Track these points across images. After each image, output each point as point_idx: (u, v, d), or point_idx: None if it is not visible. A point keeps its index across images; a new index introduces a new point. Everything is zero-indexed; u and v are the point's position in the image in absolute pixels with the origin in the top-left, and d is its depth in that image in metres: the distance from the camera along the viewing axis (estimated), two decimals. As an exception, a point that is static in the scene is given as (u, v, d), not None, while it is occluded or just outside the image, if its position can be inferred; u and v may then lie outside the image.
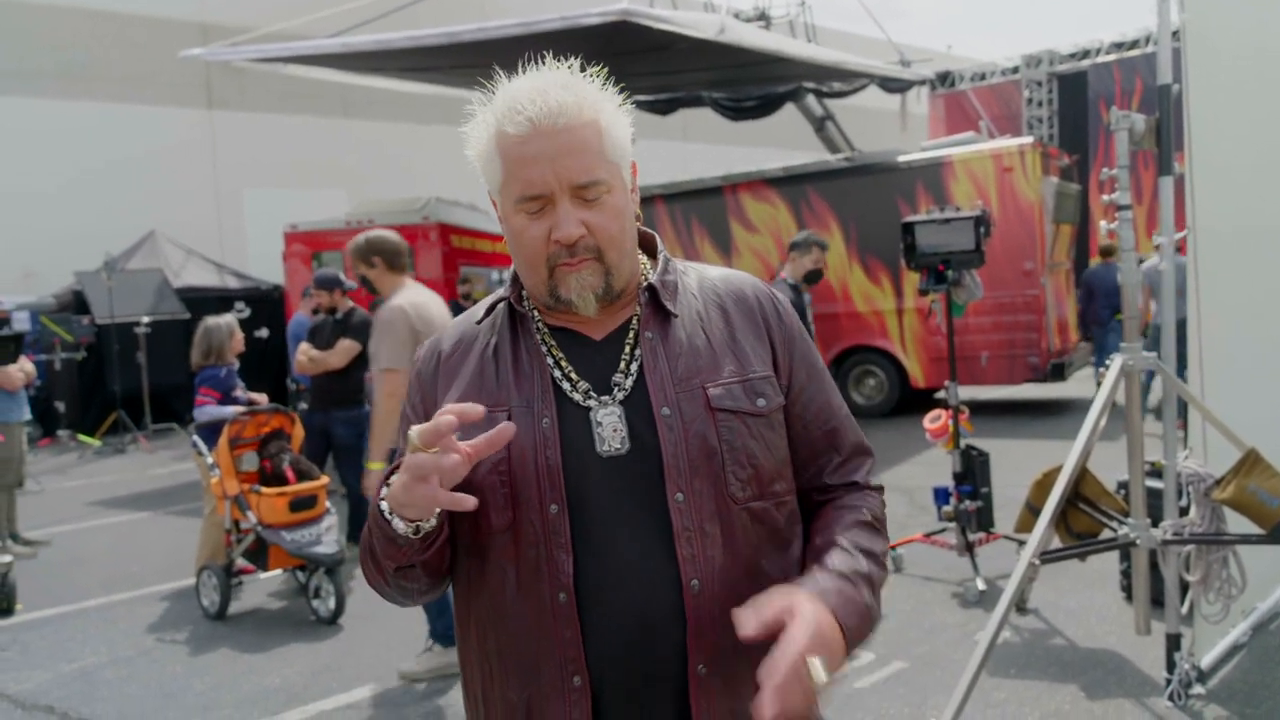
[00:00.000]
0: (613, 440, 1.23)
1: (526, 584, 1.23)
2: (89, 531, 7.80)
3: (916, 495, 7.02)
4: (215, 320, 6.11)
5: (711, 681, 1.21)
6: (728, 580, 1.22)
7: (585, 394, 1.26)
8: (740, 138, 20.99)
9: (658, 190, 12.20)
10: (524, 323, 1.32)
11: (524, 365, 1.29)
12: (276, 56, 11.96)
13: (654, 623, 1.20)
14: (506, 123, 1.22)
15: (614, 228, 1.25)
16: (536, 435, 1.24)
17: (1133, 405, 3.54)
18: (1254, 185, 3.80)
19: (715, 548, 1.22)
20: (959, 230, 4.98)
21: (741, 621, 1.11)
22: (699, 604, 1.20)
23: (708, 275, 1.40)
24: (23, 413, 7.14)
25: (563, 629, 1.21)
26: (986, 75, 18.36)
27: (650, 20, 8.96)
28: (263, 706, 4.14)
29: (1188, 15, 3.72)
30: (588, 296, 1.24)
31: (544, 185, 1.21)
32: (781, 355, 1.34)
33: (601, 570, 1.21)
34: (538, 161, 1.21)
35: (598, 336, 1.30)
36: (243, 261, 16.71)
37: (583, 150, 1.22)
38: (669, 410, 1.24)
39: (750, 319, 1.35)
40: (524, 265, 1.28)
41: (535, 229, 1.24)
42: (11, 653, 5.00)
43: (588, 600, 1.21)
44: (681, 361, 1.27)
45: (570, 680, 1.21)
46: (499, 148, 1.24)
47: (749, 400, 1.27)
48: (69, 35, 16.70)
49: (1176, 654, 3.60)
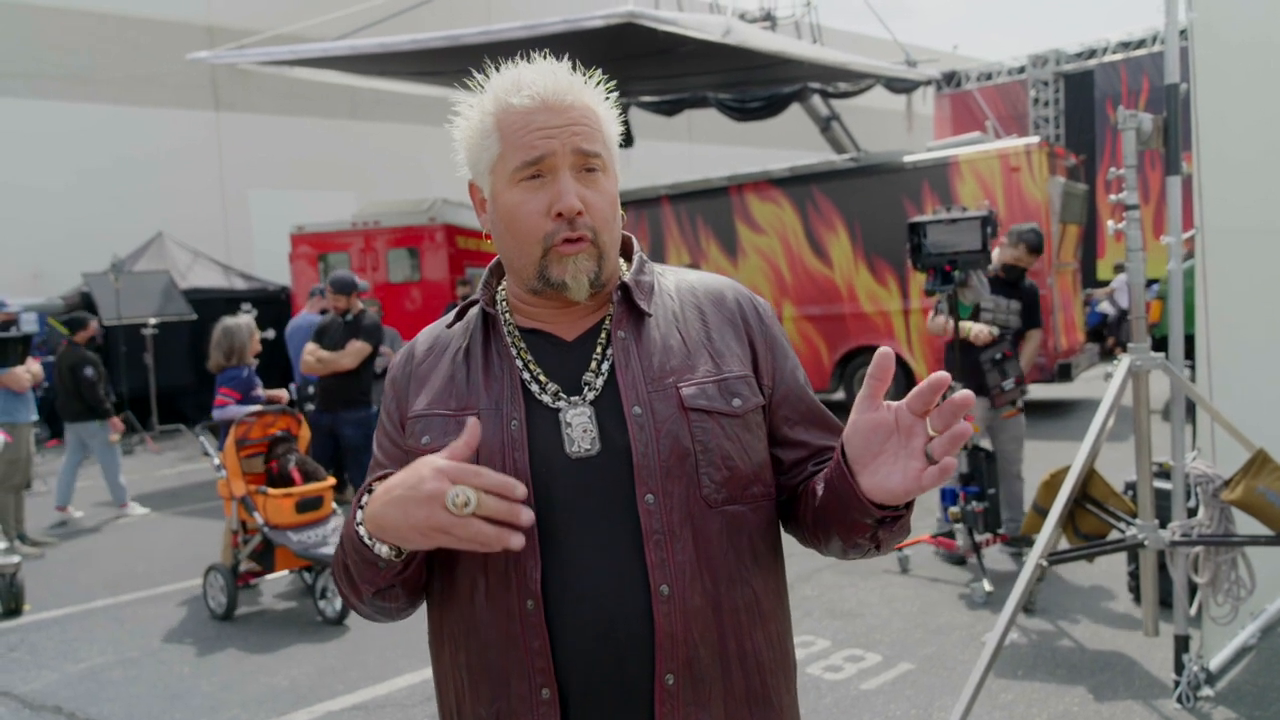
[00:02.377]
0: (582, 441, 1.21)
1: (495, 593, 1.20)
2: (95, 532, 7.82)
3: (923, 496, 7.01)
4: (235, 321, 6.12)
5: (681, 692, 1.17)
6: (700, 586, 1.19)
7: (554, 395, 1.24)
8: (746, 138, 20.98)
9: (664, 190, 12.19)
10: (495, 325, 1.30)
11: (494, 367, 1.27)
12: (282, 59, 11.99)
13: (621, 631, 1.17)
14: (512, 96, 1.22)
15: (608, 210, 1.25)
16: (504, 437, 1.21)
17: (1140, 406, 3.52)
18: (1263, 185, 3.79)
19: (686, 552, 1.19)
20: (966, 230, 4.97)
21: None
22: (668, 611, 1.17)
23: (686, 278, 1.38)
24: (30, 414, 7.17)
25: (531, 639, 1.18)
26: (993, 75, 18.34)
27: (655, 22, 8.96)
28: (270, 707, 4.14)
29: (1196, 14, 3.71)
30: (581, 280, 1.23)
31: (548, 147, 1.20)
32: (763, 357, 1.32)
33: (570, 576, 1.18)
34: (544, 129, 1.21)
35: (569, 338, 1.28)
36: (249, 263, 16.77)
37: (588, 124, 1.23)
38: (640, 409, 1.21)
39: (729, 321, 1.32)
40: (515, 244, 1.25)
41: (533, 202, 1.22)
42: (20, 653, 5.02)
43: (556, 608, 1.18)
44: (655, 361, 1.25)
45: (539, 693, 1.18)
46: (499, 122, 1.23)
47: (724, 400, 1.25)
48: (75, 38, 16.76)
49: (1185, 656, 3.58)
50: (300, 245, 13.81)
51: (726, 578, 1.22)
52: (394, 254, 13.48)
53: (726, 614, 1.21)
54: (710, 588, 1.20)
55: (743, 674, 1.23)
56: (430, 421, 1.27)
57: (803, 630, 4.57)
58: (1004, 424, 5.45)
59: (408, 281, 13.14)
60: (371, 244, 13.46)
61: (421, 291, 13.14)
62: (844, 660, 4.24)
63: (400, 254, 13.49)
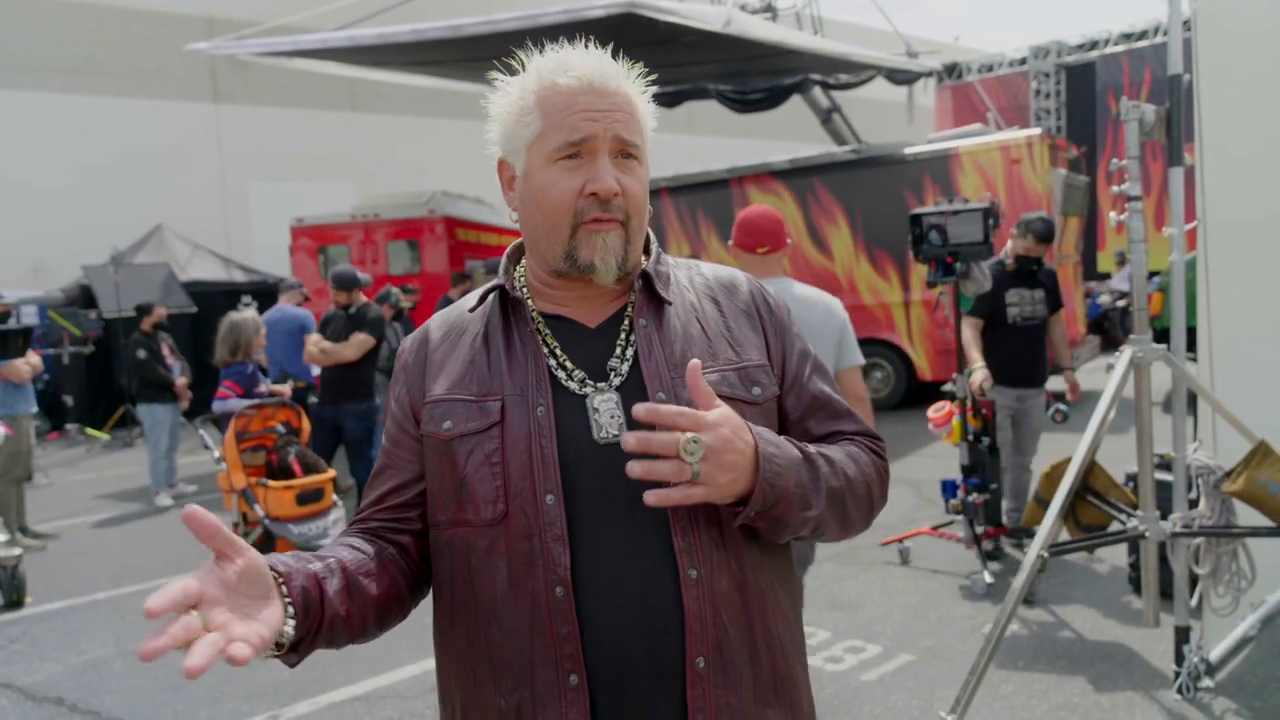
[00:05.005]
0: (610, 427, 1.20)
1: (518, 579, 1.18)
2: (97, 525, 7.84)
3: (924, 488, 7.01)
4: (241, 316, 6.12)
5: (711, 675, 1.18)
6: (726, 571, 1.20)
7: (581, 382, 1.24)
8: (747, 130, 20.94)
9: (664, 183, 12.17)
10: (517, 309, 1.29)
11: (517, 353, 1.26)
12: (282, 50, 11.96)
13: (652, 615, 1.17)
14: (558, 75, 1.22)
15: (640, 198, 1.26)
16: (531, 424, 1.20)
17: (1142, 397, 3.52)
18: (1265, 177, 3.78)
19: (712, 536, 1.20)
20: (967, 222, 4.96)
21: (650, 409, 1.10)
22: (698, 594, 1.17)
23: (699, 270, 1.40)
24: (30, 406, 7.17)
25: (559, 625, 1.16)
26: (994, 67, 18.28)
27: (656, 13, 8.93)
28: (271, 699, 4.15)
29: (1199, 4, 3.70)
30: (609, 261, 1.23)
31: (590, 130, 1.20)
32: (774, 346, 1.34)
33: (598, 562, 1.18)
34: (588, 111, 1.21)
35: (592, 324, 1.28)
36: (249, 255, 16.76)
37: (629, 112, 1.24)
38: (665, 395, 1.21)
39: (744, 311, 1.34)
40: (545, 222, 1.24)
41: (568, 181, 1.22)
42: (21, 645, 5.03)
43: (584, 594, 1.17)
44: (676, 348, 1.25)
45: (567, 679, 1.17)
46: (541, 101, 1.23)
47: (745, 388, 1.26)
48: (75, 30, 16.73)
49: (1185, 647, 3.59)
50: (300, 238, 13.80)
51: (750, 561, 1.23)
52: (394, 246, 13.47)
53: (752, 597, 1.23)
54: (736, 571, 1.21)
55: (769, 655, 1.24)
56: (452, 407, 1.26)
57: (804, 621, 4.57)
58: (1028, 415, 5.45)
59: (408, 274, 13.12)
60: (371, 236, 13.45)
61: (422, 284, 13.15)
62: (845, 651, 4.24)
63: (400, 246, 13.48)
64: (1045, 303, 5.48)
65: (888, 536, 5.64)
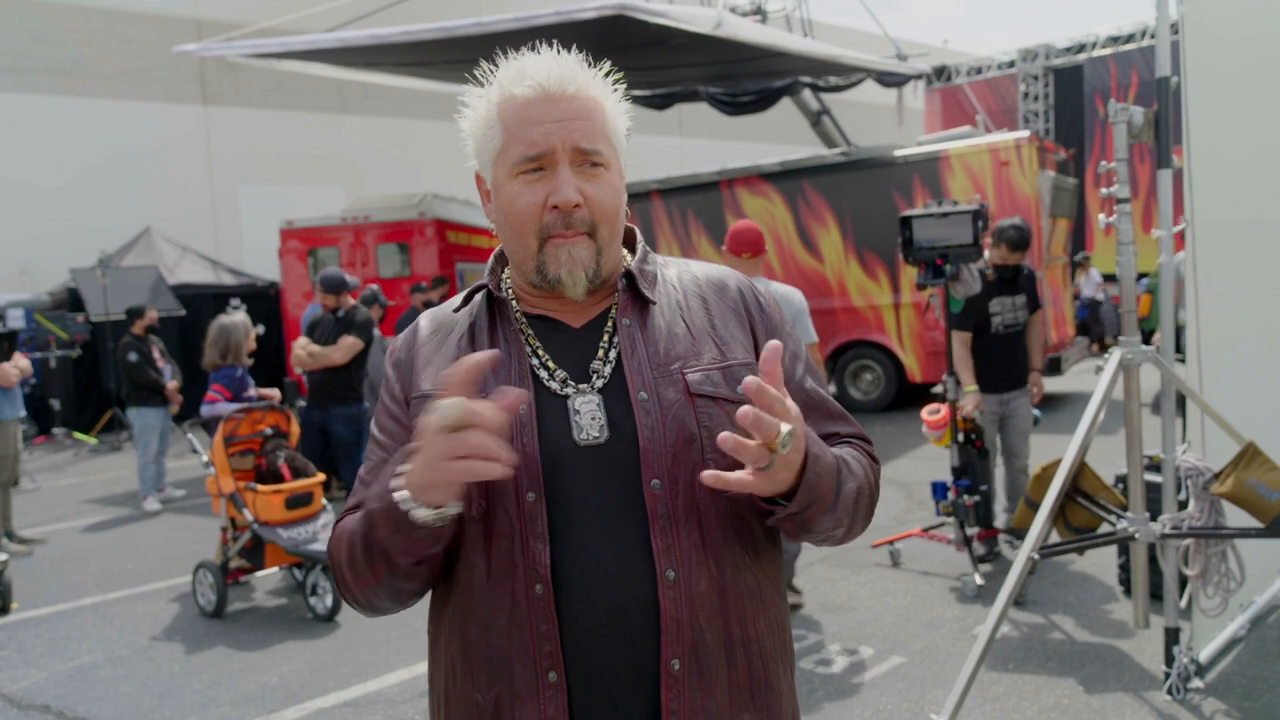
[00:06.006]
0: (591, 428, 1.21)
1: (498, 577, 1.19)
2: (85, 530, 7.78)
3: (914, 490, 7.02)
4: (231, 319, 6.09)
5: (686, 677, 1.18)
6: (705, 572, 1.19)
7: (563, 382, 1.24)
8: (737, 132, 20.98)
9: (654, 185, 12.18)
10: (502, 309, 1.30)
11: (501, 352, 1.26)
12: (271, 52, 11.92)
13: (630, 616, 1.17)
14: (514, 86, 1.22)
15: (610, 204, 1.24)
16: (513, 422, 1.19)
17: (1131, 399, 3.53)
18: (1253, 178, 3.80)
19: (692, 537, 1.19)
20: (957, 224, 4.97)
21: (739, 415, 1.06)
22: (675, 596, 1.17)
23: (689, 268, 1.39)
24: (17, 410, 7.12)
25: (539, 623, 1.17)
26: (983, 69, 18.37)
27: (646, 14, 8.93)
28: (260, 705, 4.12)
29: (1187, 7, 3.71)
30: (578, 274, 1.23)
31: (547, 144, 1.20)
32: (763, 345, 1.32)
33: (577, 561, 1.18)
34: (543, 122, 1.20)
35: (576, 325, 1.28)
36: (238, 258, 16.68)
37: (589, 117, 1.22)
38: (646, 395, 1.21)
39: (732, 309, 1.34)
40: (513, 237, 1.24)
41: (530, 194, 1.21)
42: (8, 651, 4.99)
43: (563, 592, 1.17)
44: (660, 347, 1.25)
45: (545, 676, 1.17)
46: (502, 114, 1.23)
47: (729, 387, 1.25)
48: (63, 31, 16.63)
49: (1175, 648, 3.60)
50: (290, 240, 13.74)
51: (730, 564, 1.22)
52: (384, 249, 13.43)
53: (731, 600, 1.22)
54: (715, 573, 1.21)
55: (746, 660, 1.23)
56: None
57: (794, 624, 4.57)
58: (1013, 418, 5.45)
59: (398, 276, 13.09)
60: (361, 239, 13.40)
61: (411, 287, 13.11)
62: (836, 654, 4.24)
63: (390, 249, 13.44)
64: (1026, 307, 5.50)
65: (879, 538, 5.64)
